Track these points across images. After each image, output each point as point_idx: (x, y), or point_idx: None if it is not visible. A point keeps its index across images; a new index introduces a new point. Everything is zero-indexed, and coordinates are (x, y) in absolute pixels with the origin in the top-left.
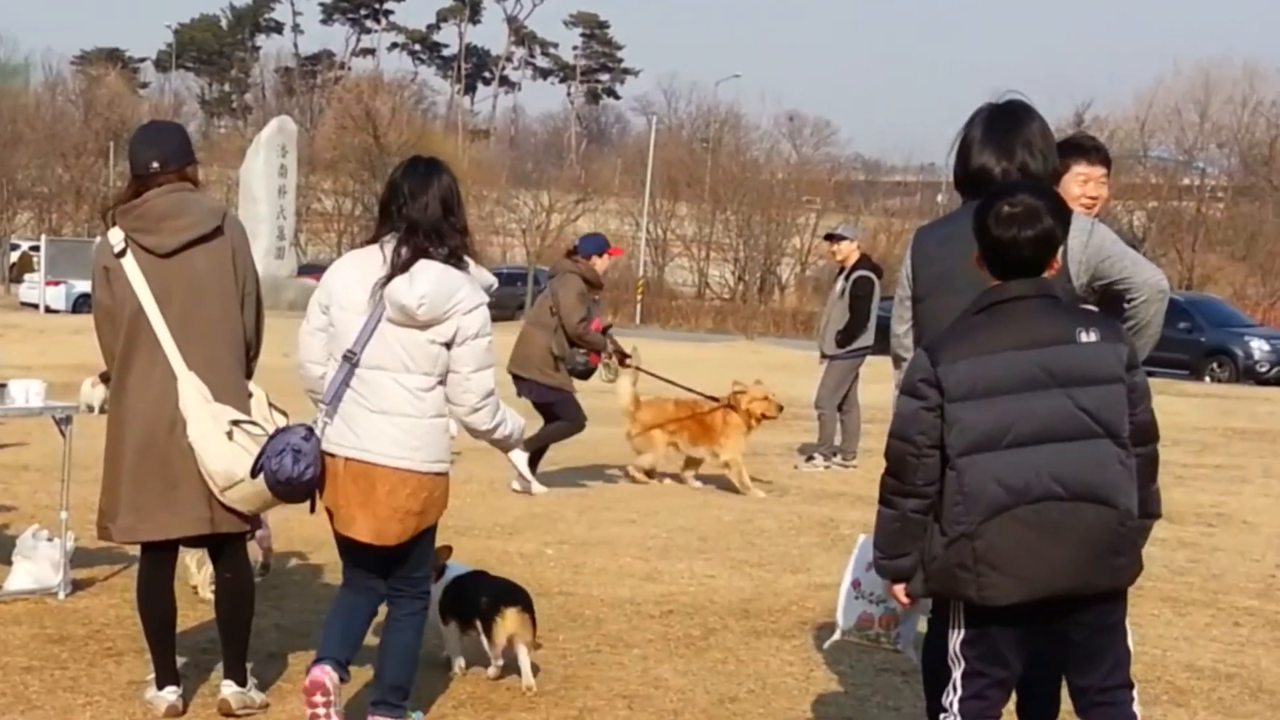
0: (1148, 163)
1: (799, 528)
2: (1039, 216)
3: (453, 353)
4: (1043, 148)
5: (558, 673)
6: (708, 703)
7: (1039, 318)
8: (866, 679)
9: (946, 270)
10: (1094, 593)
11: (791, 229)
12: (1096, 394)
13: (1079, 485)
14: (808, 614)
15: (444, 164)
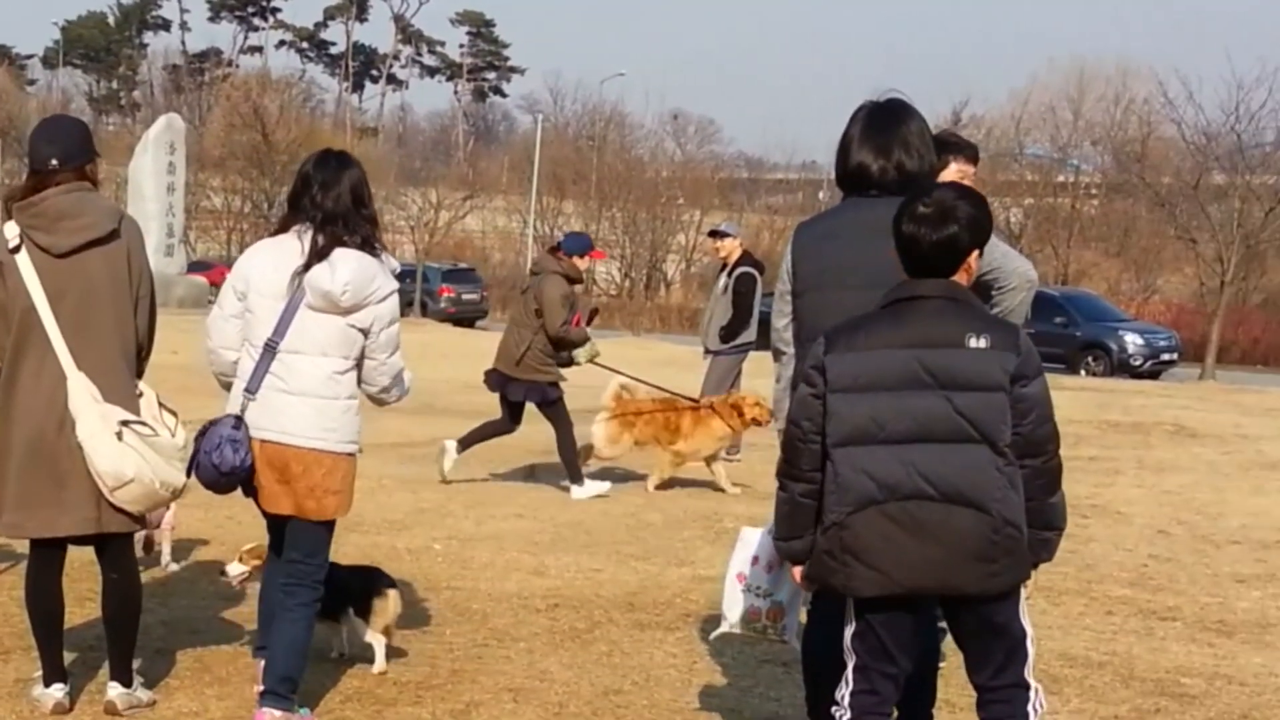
0: (1023, 160)
1: (683, 521)
2: (947, 221)
3: (370, 339)
4: (920, 147)
5: (445, 667)
6: (592, 694)
7: (933, 319)
8: (749, 670)
9: (825, 266)
10: (966, 595)
11: (676, 226)
12: (975, 400)
13: (949, 487)
14: (692, 606)
15: (353, 157)
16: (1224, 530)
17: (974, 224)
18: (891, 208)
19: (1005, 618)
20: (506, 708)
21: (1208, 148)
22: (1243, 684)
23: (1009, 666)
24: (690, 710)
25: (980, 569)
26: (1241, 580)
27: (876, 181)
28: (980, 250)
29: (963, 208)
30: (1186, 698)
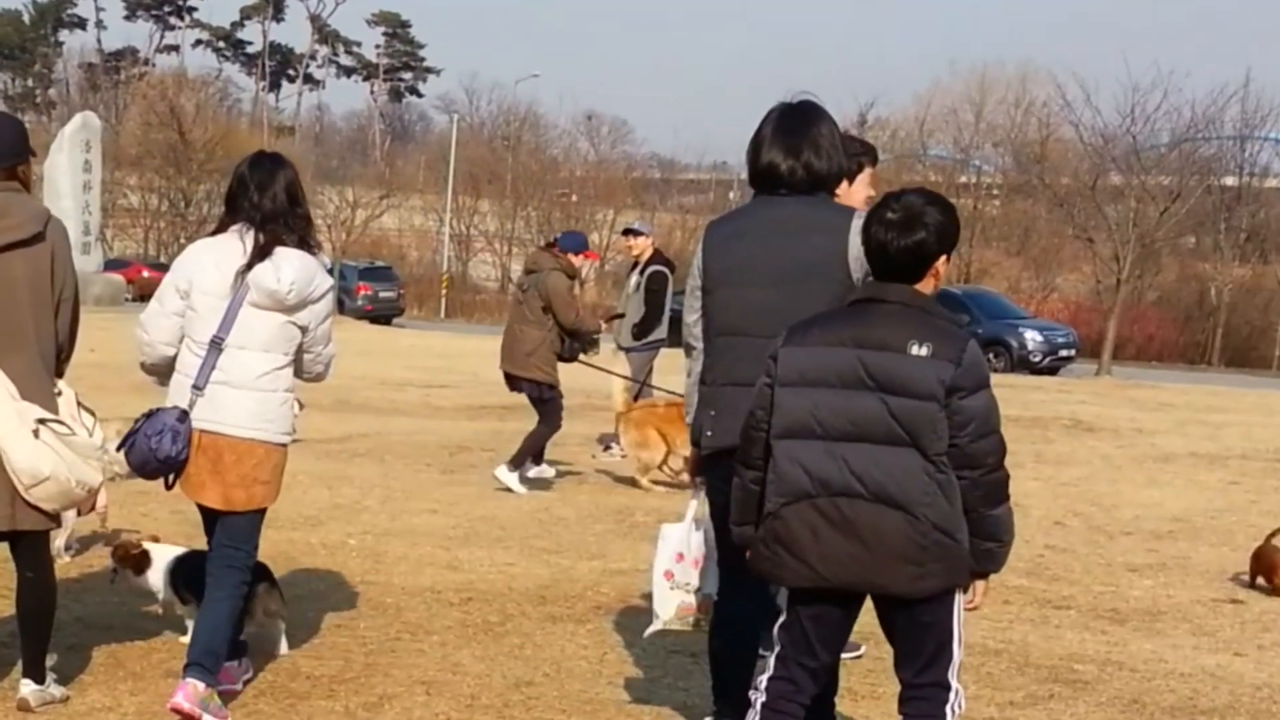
0: (927, 161)
1: (596, 515)
2: (915, 227)
3: (308, 335)
4: (829, 148)
5: (358, 660)
6: (504, 687)
7: (883, 323)
8: (658, 661)
9: (734, 264)
10: (893, 594)
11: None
12: (909, 406)
13: (878, 488)
14: (602, 599)
15: (286, 158)
16: (1118, 521)
17: (942, 230)
18: (799, 207)
19: (934, 619)
20: (419, 700)
21: (1105, 149)
22: (1133, 670)
23: (932, 666)
24: (600, 701)
25: (907, 570)
26: (1134, 569)
27: (785, 181)
28: (948, 255)
29: (931, 213)
30: (1079, 684)
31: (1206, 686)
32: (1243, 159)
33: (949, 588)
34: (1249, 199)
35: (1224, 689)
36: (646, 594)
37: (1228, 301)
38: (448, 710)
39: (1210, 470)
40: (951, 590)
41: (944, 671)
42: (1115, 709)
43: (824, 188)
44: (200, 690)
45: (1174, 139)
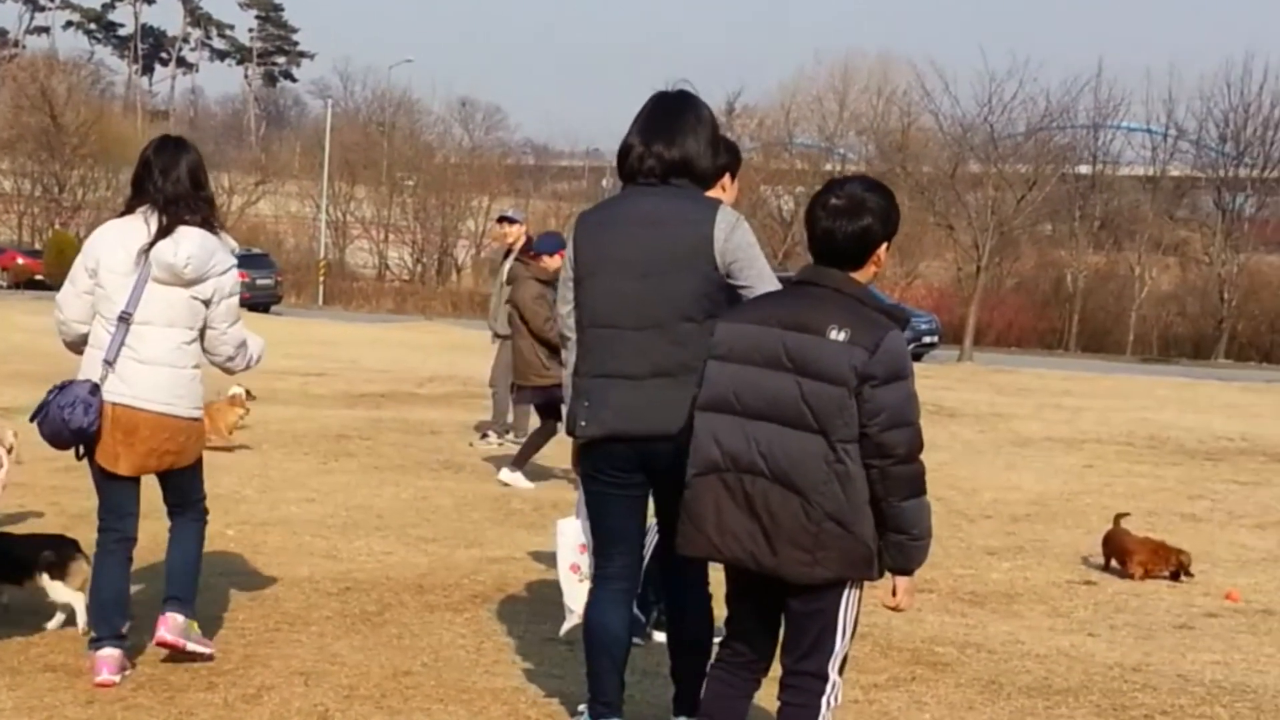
0: (793, 149)
1: (473, 504)
2: (860, 213)
3: (210, 310)
4: (700, 138)
5: (237, 652)
6: (382, 676)
7: (810, 305)
8: (534, 649)
9: (604, 254)
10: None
11: (466, 212)
12: (819, 390)
13: (779, 469)
14: (480, 587)
15: (190, 143)
16: (978, 505)
17: (885, 216)
18: (666, 199)
19: (820, 608)
20: (297, 691)
21: (963, 138)
22: (991, 651)
23: (812, 655)
24: (477, 689)
25: (798, 555)
26: (993, 553)
27: (655, 171)
28: (889, 243)
29: (873, 199)
30: (940, 665)
31: (1061, 666)
32: (1096, 148)
33: (841, 578)
34: (1102, 187)
35: (1078, 669)
36: (529, 583)
37: (1083, 288)
38: (326, 701)
39: (1066, 454)
40: (843, 583)
41: (824, 662)
42: (974, 690)
43: (693, 178)
44: (180, 621)
45: (1030, 128)
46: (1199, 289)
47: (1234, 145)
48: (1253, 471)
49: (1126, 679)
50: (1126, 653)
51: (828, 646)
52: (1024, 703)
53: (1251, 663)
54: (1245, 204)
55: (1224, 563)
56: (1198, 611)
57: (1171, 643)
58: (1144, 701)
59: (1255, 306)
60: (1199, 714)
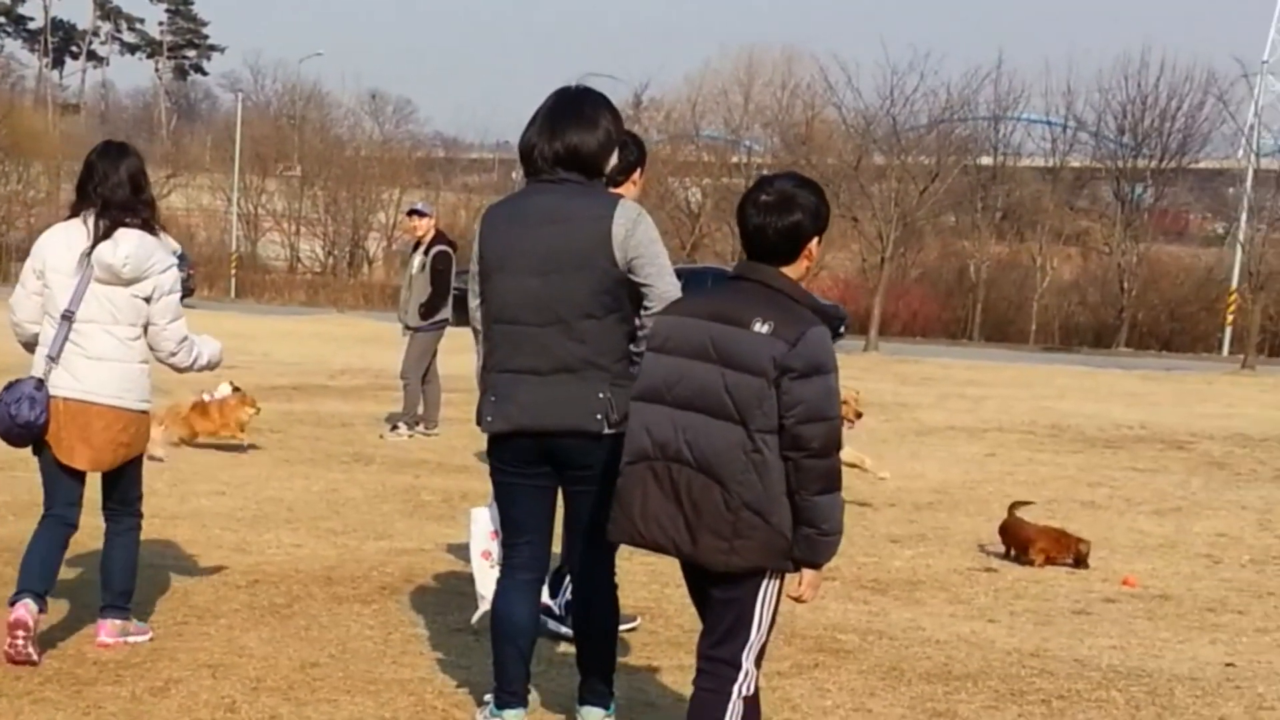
0: (700, 142)
1: (382, 495)
2: (790, 209)
3: (151, 307)
4: (602, 135)
5: (144, 645)
6: (290, 669)
7: (739, 298)
8: (442, 639)
9: (506, 250)
10: (702, 565)
11: (377, 205)
12: (740, 381)
13: (702, 458)
14: (388, 579)
15: (132, 148)
16: (882, 494)
17: (815, 211)
18: (566, 195)
19: (737, 596)
20: (205, 684)
21: (867, 130)
22: (892, 638)
23: (726, 642)
24: (384, 680)
25: (716, 543)
26: (896, 540)
27: (556, 165)
28: (820, 237)
29: (803, 195)
30: (842, 652)
31: (960, 653)
32: (997, 139)
33: (759, 569)
34: (1004, 178)
35: (977, 654)
36: (437, 574)
37: (986, 278)
38: (233, 693)
39: (969, 443)
40: (761, 572)
41: (738, 651)
42: (875, 676)
43: (593, 173)
44: (119, 625)
45: (932, 120)
46: (1099, 278)
47: (1132, 137)
48: (1151, 459)
49: (1024, 664)
50: (1025, 638)
51: (742, 636)
52: (924, 689)
53: (1147, 647)
54: (1144, 194)
55: (1122, 549)
56: (1095, 597)
57: (1069, 628)
58: (1041, 686)
59: (1154, 295)
60: (1095, 698)
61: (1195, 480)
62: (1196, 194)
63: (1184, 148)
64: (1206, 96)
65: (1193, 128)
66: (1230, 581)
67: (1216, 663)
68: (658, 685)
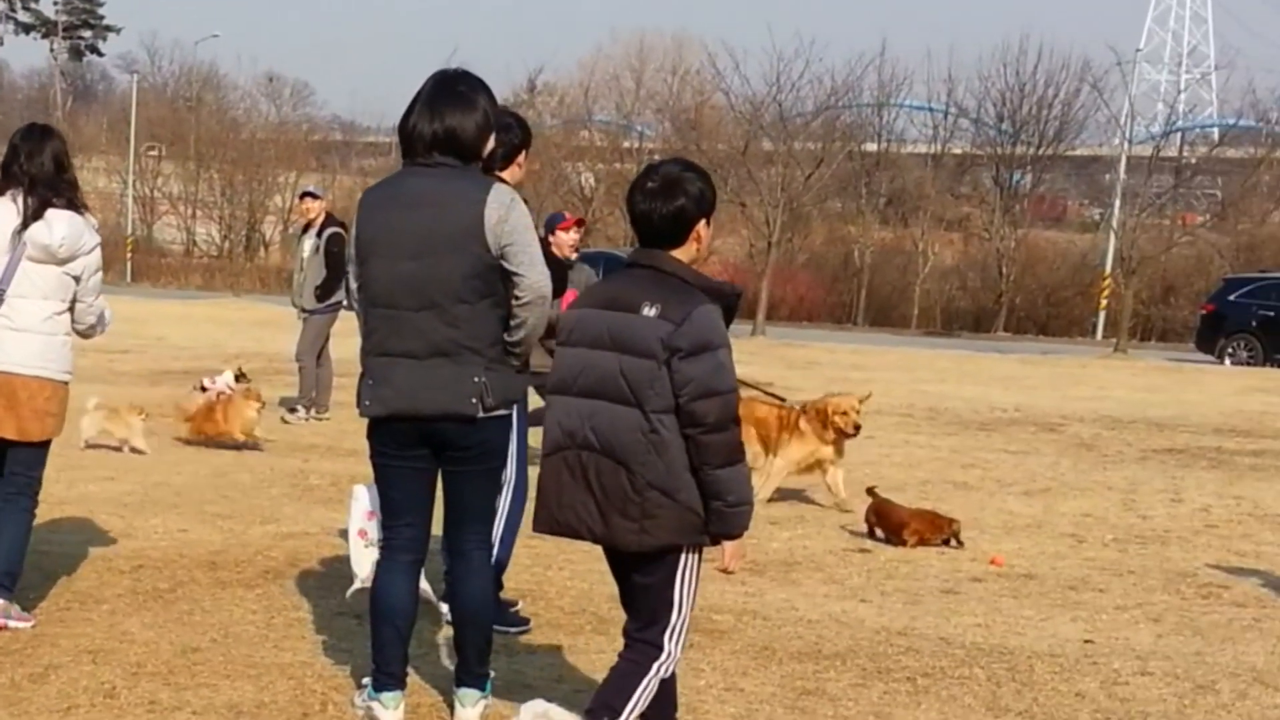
0: (593, 126)
1: (271, 480)
2: (674, 194)
3: (80, 285)
4: (477, 115)
5: (25, 631)
6: (171, 653)
7: (631, 285)
8: (324, 623)
9: (380, 234)
10: (619, 548)
11: (273, 188)
12: (633, 364)
13: (606, 442)
14: (272, 563)
15: (55, 129)
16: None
17: (700, 196)
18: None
19: (654, 579)
20: (85, 669)
21: (754, 116)
22: (766, 618)
23: (650, 626)
24: (265, 664)
25: (626, 524)
26: (774, 522)
27: (435, 148)
28: (708, 219)
29: (688, 180)
30: (717, 632)
31: (831, 631)
32: (880, 126)
33: (672, 547)
34: (888, 165)
35: (846, 633)
36: (322, 558)
37: (870, 263)
38: (113, 679)
39: None
40: (676, 551)
41: (659, 633)
42: (748, 656)
43: (471, 156)
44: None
45: (818, 107)
46: (979, 263)
47: (1011, 124)
48: (1024, 441)
49: (892, 642)
50: (894, 617)
51: (665, 619)
52: (794, 667)
53: (1011, 625)
54: (1022, 181)
55: (991, 529)
56: (963, 576)
57: (937, 607)
58: (907, 664)
59: (1032, 280)
60: (958, 675)
61: (1064, 461)
62: (1074, 180)
63: (1061, 135)
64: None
65: (1069, 115)
66: (1093, 560)
67: (1076, 639)
68: (536, 667)
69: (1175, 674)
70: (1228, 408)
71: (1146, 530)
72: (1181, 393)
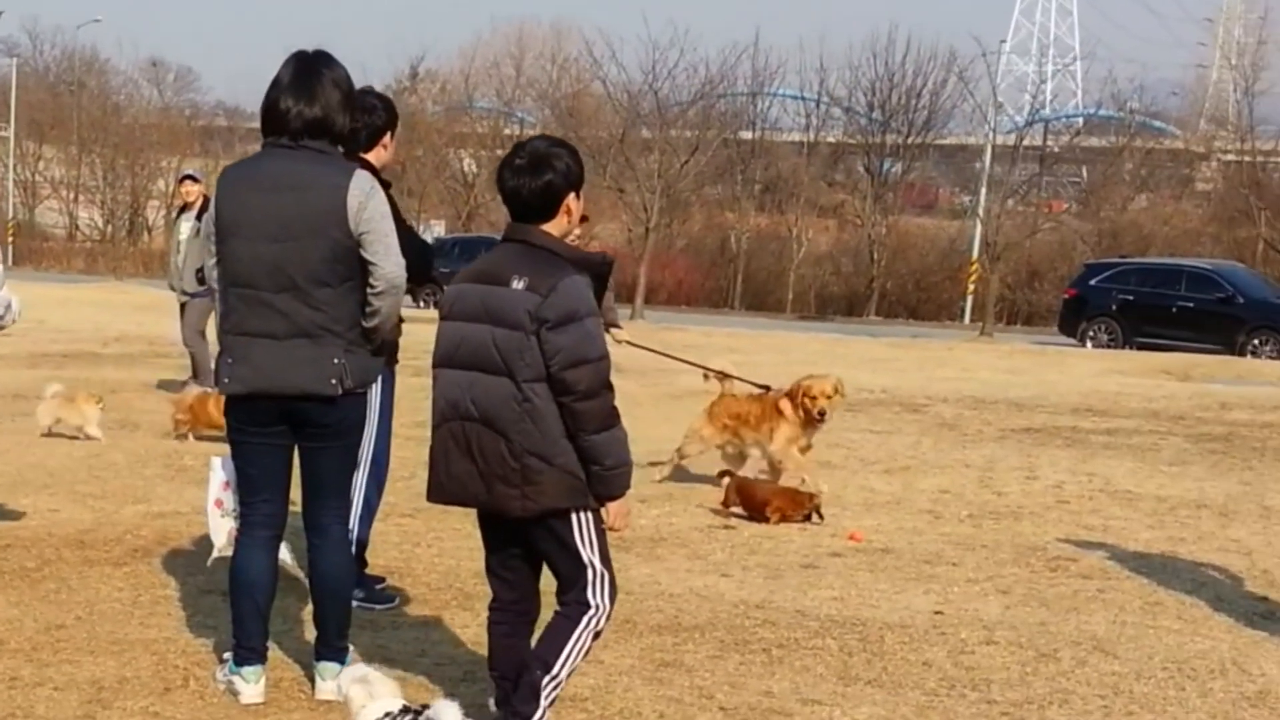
0: (474, 113)
1: (145, 460)
2: (542, 170)
3: None
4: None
5: None
6: (34, 630)
7: (503, 259)
8: (190, 600)
9: (241, 215)
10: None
11: (157, 173)
12: (504, 336)
13: (484, 413)
14: (141, 542)
15: None
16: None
17: (567, 171)
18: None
19: (557, 543)
20: None
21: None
22: (629, 593)
23: (570, 588)
24: (129, 640)
25: (508, 491)
26: (643, 500)
27: (291, 129)
28: (577, 193)
29: (555, 155)
30: None
31: (691, 605)
32: (755, 114)
33: (557, 510)
34: (763, 152)
35: (706, 607)
36: (193, 537)
37: (746, 249)
38: None
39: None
40: (565, 513)
41: (583, 591)
42: (609, 629)
43: (332, 138)
44: None
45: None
46: (852, 250)
47: (881, 113)
48: (888, 421)
49: (750, 615)
50: (753, 591)
51: (580, 577)
52: (654, 640)
53: (865, 597)
54: (893, 169)
55: (852, 506)
56: (823, 551)
57: (796, 581)
58: (764, 636)
59: (902, 266)
60: (811, 646)
61: (926, 441)
62: (943, 169)
63: (929, 124)
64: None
65: (937, 105)
66: (949, 535)
67: (927, 611)
68: (400, 641)
69: (1019, 643)
70: (1086, 388)
71: (1001, 506)
72: (1043, 374)
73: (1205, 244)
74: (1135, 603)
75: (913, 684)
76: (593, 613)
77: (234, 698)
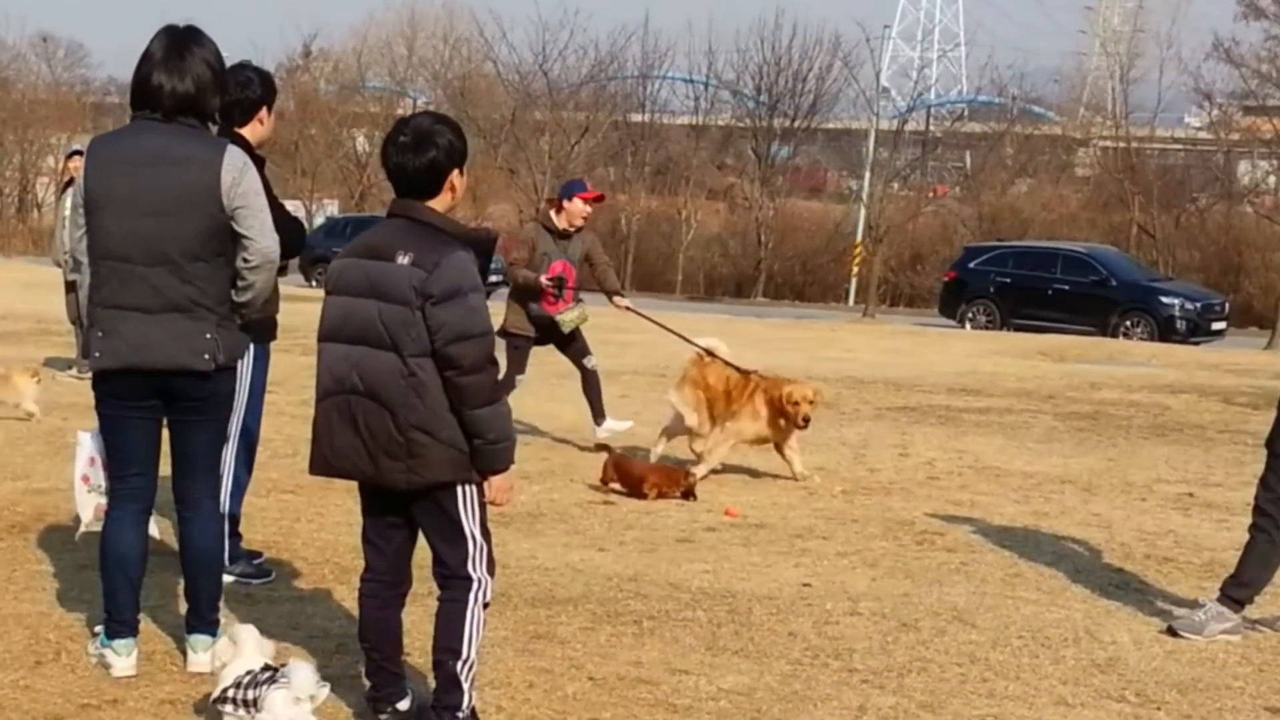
0: (366, 93)
1: (28, 438)
2: (425, 147)
3: None
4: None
5: None
6: None
7: (388, 235)
8: (66, 575)
9: (113, 190)
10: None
11: (46, 149)
12: (390, 311)
13: (370, 387)
14: (19, 518)
15: None
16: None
17: (451, 148)
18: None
19: (440, 516)
20: None
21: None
22: (505, 566)
23: (450, 560)
24: (1, 615)
25: (394, 465)
26: (525, 476)
27: (162, 104)
28: (461, 170)
29: (439, 132)
30: None
31: (566, 579)
32: (645, 96)
33: (441, 483)
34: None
35: (580, 580)
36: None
37: (637, 230)
38: None
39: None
40: (448, 486)
41: (463, 565)
42: None
43: (203, 114)
44: None
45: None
46: (741, 232)
47: (768, 97)
48: None
49: (622, 588)
50: (628, 565)
51: (461, 549)
52: (528, 612)
53: (737, 570)
54: (781, 152)
55: (729, 483)
56: (699, 526)
57: (670, 555)
58: (635, 608)
59: (789, 248)
60: (681, 618)
61: None
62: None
63: (815, 108)
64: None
65: (823, 89)
66: (821, 510)
67: (795, 583)
68: (275, 615)
69: (882, 613)
70: (963, 369)
71: (873, 482)
72: (922, 355)
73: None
74: (996, 574)
75: (778, 654)
76: (476, 586)
77: (105, 670)
